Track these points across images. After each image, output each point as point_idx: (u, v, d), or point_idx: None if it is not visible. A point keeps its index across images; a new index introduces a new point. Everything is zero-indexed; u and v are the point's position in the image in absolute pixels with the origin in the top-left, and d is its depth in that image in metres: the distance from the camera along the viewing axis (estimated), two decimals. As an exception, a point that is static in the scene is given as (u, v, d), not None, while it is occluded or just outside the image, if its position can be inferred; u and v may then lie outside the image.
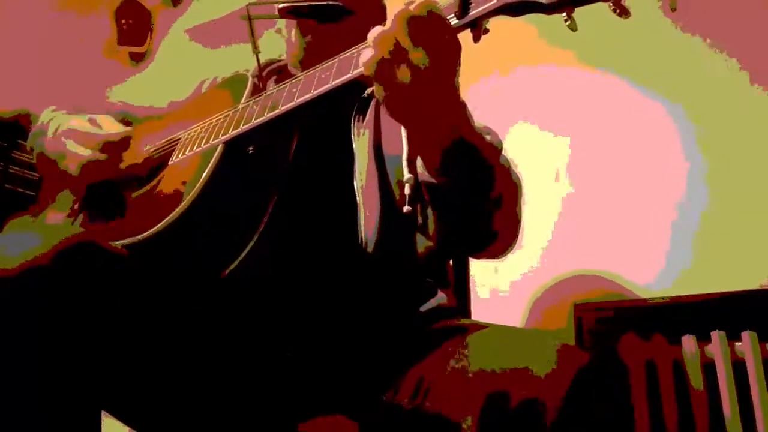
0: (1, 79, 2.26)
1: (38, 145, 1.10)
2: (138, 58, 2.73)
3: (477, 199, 0.84)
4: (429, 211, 0.88)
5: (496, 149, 0.86)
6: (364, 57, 0.73)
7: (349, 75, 0.82)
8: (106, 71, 2.61)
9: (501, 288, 1.88)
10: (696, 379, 1.54)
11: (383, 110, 1.02)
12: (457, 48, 0.73)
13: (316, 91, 0.85)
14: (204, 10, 2.60)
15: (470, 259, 1.35)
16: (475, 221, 0.88)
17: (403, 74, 0.71)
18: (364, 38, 0.76)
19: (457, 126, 0.78)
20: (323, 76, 0.86)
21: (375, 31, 0.72)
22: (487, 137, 0.85)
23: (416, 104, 0.74)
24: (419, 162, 0.83)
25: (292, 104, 0.88)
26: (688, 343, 1.57)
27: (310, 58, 1.03)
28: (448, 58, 0.73)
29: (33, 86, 2.26)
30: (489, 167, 0.83)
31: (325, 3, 1.04)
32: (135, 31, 2.70)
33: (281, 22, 1.14)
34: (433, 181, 0.82)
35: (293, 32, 1.11)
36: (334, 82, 0.83)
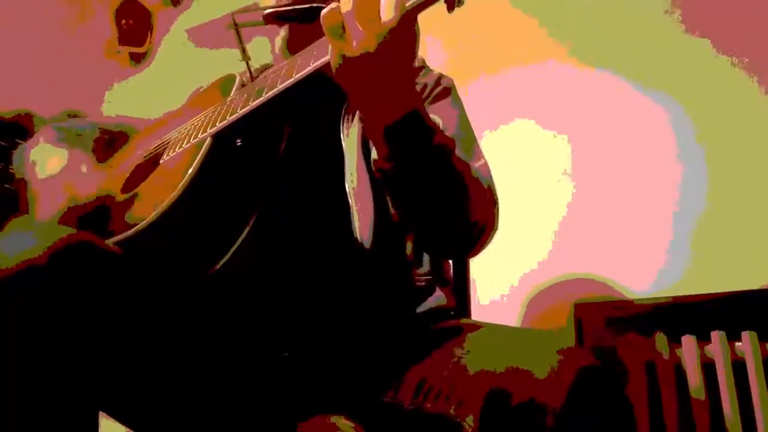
0: (1, 79, 2.26)
1: (21, 170, 1.09)
2: (138, 58, 2.73)
3: (428, 191, 0.84)
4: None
5: (453, 141, 0.86)
6: (323, 16, 0.74)
7: (327, 57, 0.81)
8: (106, 71, 2.62)
9: (501, 288, 1.88)
10: (696, 379, 1.54)
11: None
12: (413, 38, 0.75)
13: (297, 75, 0.85)
14: (204, 10, 2.60)
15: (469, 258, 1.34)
16: (427, 216, 0.87)
17: (355, 48, 0.73)
18: None
19: (406, 104, 0.79)
20: (303, 61, 0.86)
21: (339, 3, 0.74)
22: (445, 132, 0.85)
23: (365, 80, 0.75)
24: (373, 150, 0.83)
25: (275, 91, 0.87)
26: (688, 343, 1.57)
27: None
28: (401, 45, 0.74)
29: (33, 86, 2.26)
30: (443, 152, 0.82)
31: (308, 6, 1.04)
32: (135, 31, 2.70)
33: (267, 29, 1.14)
34: (383, 167, 0.82)
35: (278, 41, 1.11)
36: (314, 64, 0.83)
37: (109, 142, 1.22)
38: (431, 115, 0.83)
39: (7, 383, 0.68)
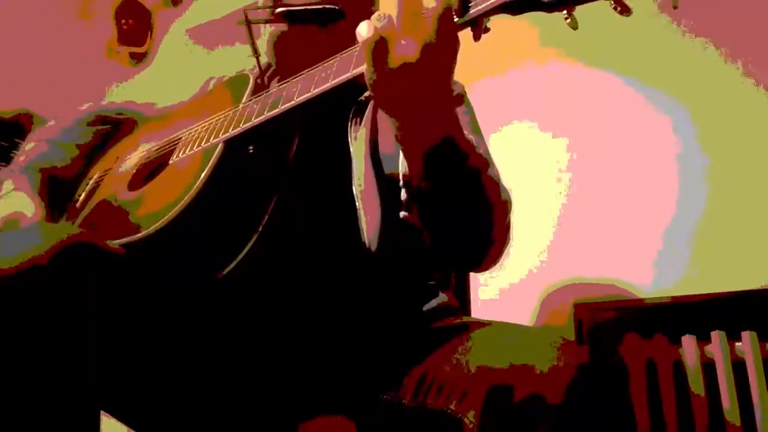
0: (1, 79, 2.26)
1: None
2: (138, 58, 2.73)
3: (461, 208, 0.84)
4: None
5: (485, 160, 0.86)
6: (361, 29, 0.73)
7: (348, 74, 0.81)
8: (106, 71, 2.62)
9: (501, 288, 1.88)
10: (696, 379, 1.54)
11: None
12: (455, 44, 0.73)
13: (315, 90, 0.85)
14: (204, 10, 2.60)
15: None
16: (459, 233, 0.87)
17: (395, 59, 0.71)
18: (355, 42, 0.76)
19: (445, 126, 0.78)
20: (323, 75, 0.86)
21: (378, 13, 0.73)
22: (478, 150, 0.85)
23: (404, 93, 0.74)
24: (404, 164, 0.83)
25: (292, 103, 0.87)
26: (688, 343, 1.57)
27: (301, 63, 1.02)
28: (444, 52, 0.72)
29: (33, 86, 2.26)
30: (475, 175, 0.82)
31: (321, 7, 1.04)
32: (135, 31, 2.70)
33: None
34: (417, 185, 0.82)
35: (269, 39, 1.10)
36: (333, 81, 0.83)
37: (109, 132, 1.22)
38: (465, 132, 0.82)
39: (7, 382, 0.68)
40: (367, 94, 1.04)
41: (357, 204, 0.95)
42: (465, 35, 0.74)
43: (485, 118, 1.12)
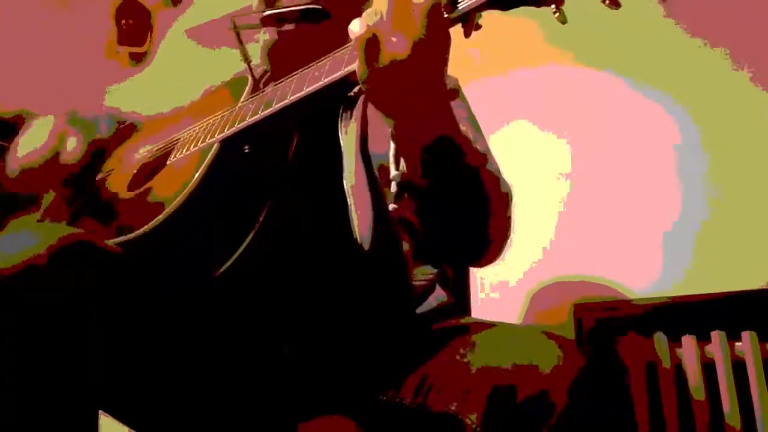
0: (1, 79, 2.26)
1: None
2: (138, 58, 2.73)
3: (461, 205, 0.84)
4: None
5: (483, 155, 0.86)
6: (353, 26, 0.73)
7: (340, 72, 0.82)
8: (106, 71, 2.62)
9: (501, 288, 1.88)
10: (696, 379, 1.54)
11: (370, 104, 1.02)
12: (446, 40, 0.73)
13: (308, 89, 0.86)
14: (204, 10, 2.60)
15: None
16: (459, 229, 0.87)
17: (385, 56, 0.71)
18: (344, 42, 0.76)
19: (441, 124, 0.78)
20: (316, 74, 0.86)
21: (370, 9, 0.74)
22: (475, 145, 0.85)
23: (397, 90, 0.74)
24: (402, 163, 0.83)
25: (285, 102, 0.88)
26: (688, 343, 1.57)
27: (295, 68, 1.02)
28: (434, 48, 0.72)
29: (33, 86, 2.26)
30: (474, 171, 0.82)
31: (305, 7, 1.04)
32: (135, 31, 2.70)
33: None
34: (415, 183, 0.82)
35: (262, 44, 1.11)
36: (325, 80, 0.84)
37: (117, 132, 1.23)
38: (462, 128, 0.82)
39: (6, 382, 0.68)
40: (357, 88, 1.04)
41: (348, 200, 0.95)
42: (457, 33, 0.74)
43: (485, 118, 1.12)
